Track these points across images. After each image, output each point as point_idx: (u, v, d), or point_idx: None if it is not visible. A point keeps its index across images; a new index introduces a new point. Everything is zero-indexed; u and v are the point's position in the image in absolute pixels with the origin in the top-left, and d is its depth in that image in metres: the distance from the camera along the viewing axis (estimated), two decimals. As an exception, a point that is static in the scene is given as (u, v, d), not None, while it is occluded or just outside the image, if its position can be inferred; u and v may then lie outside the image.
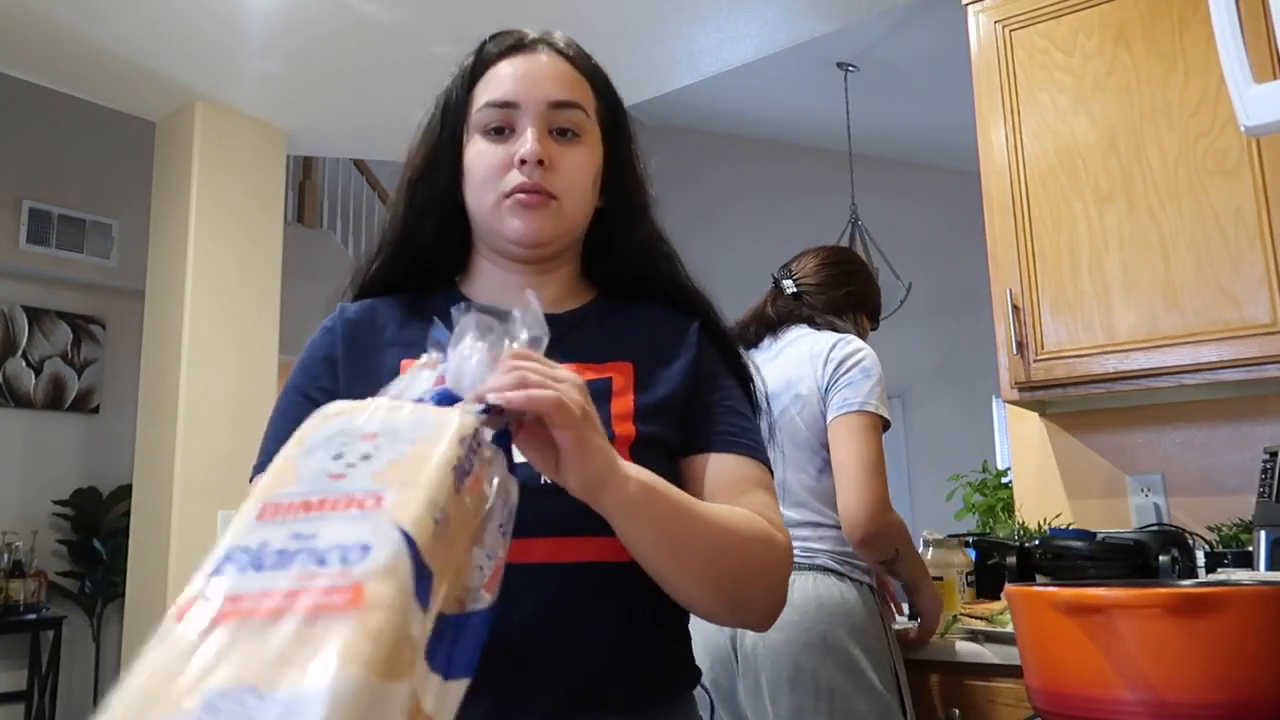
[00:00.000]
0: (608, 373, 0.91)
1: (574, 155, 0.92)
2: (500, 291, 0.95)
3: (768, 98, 5.73)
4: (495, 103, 0.91)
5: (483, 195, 0.91)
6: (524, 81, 0.92)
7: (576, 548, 0.82)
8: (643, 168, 1.00)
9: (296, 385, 0.92)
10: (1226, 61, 0.94)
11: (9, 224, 4.77)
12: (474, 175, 0.92)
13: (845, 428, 1.66)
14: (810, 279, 1.90)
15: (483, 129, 0.92)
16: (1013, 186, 2.07)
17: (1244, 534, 1.93)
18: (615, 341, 0.94)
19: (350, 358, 0.91)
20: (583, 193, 0.93)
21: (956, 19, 2.27)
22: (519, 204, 0.89)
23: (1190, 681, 0.78)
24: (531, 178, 0.89)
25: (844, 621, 1.60)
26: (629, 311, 0.98)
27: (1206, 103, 1.88)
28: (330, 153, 4.57)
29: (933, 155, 5.88)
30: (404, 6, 3.01)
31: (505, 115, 0.91)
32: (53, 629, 4.63)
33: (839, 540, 1.67)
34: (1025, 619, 0.90)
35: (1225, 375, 1.81)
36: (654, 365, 0.93)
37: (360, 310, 0.96)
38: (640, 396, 0.90)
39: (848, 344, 1.74)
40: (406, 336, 0.91)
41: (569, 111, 0.92)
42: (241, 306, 3.65)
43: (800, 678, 1.56)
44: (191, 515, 3.40)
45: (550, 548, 0.81)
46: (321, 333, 0.95)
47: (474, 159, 0.92)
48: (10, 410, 4.83)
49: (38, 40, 3.20)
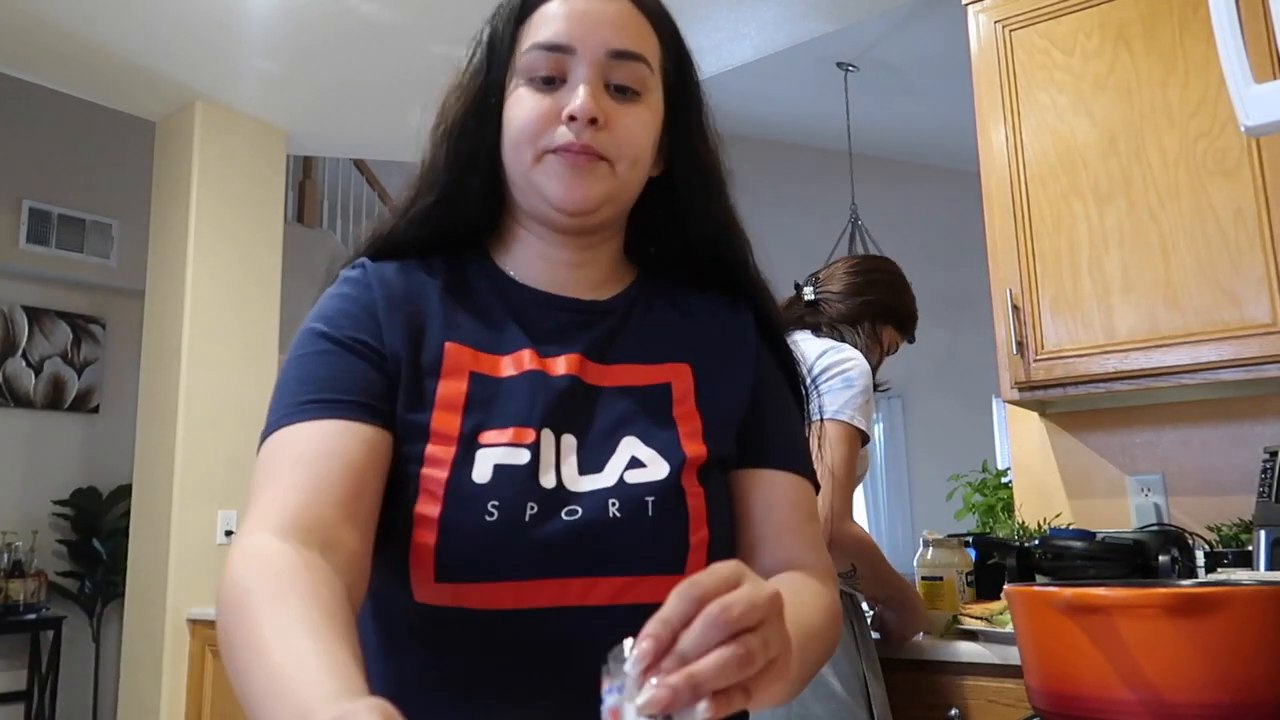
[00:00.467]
0: (664, 376, 0.82)
1: (633, 116, 0.79)
2: (543, 270, 0.84)
3: (768, 98, 5.73)
4: (544, 44, 0.78)
5: (520, 150, 0.78)
6: (580, 22, 0.78)
7: (647, 587, 0.72)
8: (715, 133, 0.87)
9: (326, 333, 0.77)
10: (1226, 61, 0.94)
11: (9, 224, 4.77)
12: (512, 126, 0.78)
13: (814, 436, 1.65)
14: (832, 287, 1.89)
15: (528, 75, 0.78)
16: (1013, 186, 2.07)
17: (1244, 534, 1.93)
18: (667, 336, 0.84)
19: (393, 321, 0.78)
20: (640, 159, 0.80)
21: (956, 19, 2.27)
22: (564, 163, 0.76)
23: (1190, 681, 0.78)
24: (581, 138, 0.76)
25: None
26: (676, 298, 0.88)
27: (1206, 103, 1.88)
28: (330, 153, 4.56)
29: (933, 155, 5.88)
30: (404, 7, 3.01)
31: (556, 62, 0.77)
32: (53, 629, 4.63)
33: None
34: (1025, 619, 0.90)
35: (1225, 375, 1.81)
36: (713, 367, 0.84)
37: (393, 270, 0.82)
38: (705, 409, 0.81)
39: (837, 352, 1.73)
40: (453, 319, 0.80)
41: (631, 64, 0.78)
42: (241, 306, 3.65)
43: None
44: (191, 515, 3.39)
45: (617, 587, 0.72)
46: (351, 284, 0.81)
47: (514, 106, 0.79)
48: (10, 410, 4.83)
49: (38, 40, 3.20)
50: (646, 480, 0.75)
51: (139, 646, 3.42)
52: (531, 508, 0.71)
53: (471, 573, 0.70)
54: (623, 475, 0.75)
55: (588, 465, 0.75)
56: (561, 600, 0.71)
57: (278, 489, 0.67)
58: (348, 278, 0.82)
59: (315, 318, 0.79)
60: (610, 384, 0.80)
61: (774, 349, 0.89)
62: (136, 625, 3.45)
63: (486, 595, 0.70)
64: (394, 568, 0.71)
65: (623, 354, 0.82)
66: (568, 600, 0.71)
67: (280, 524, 0.64)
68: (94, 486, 4.99)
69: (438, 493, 0.71)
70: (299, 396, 0.73)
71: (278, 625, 0.55)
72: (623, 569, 0.72)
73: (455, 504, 0.71)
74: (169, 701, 3.27)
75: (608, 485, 0.74)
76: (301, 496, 0.66)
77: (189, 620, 3.33)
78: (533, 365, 0.79)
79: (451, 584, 0.70)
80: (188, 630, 3.33)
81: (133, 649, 3.46)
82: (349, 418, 0.71)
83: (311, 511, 0.66)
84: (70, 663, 4.77)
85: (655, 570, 0.72)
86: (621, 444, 0.77)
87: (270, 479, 0.69)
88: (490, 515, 0.70)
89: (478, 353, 0.79)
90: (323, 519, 0.66)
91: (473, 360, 0.78)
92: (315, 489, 0.67)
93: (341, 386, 0.73)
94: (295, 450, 0.70)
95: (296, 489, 0.67)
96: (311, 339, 0.77)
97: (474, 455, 0.73)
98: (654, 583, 0.72)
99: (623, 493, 0.74)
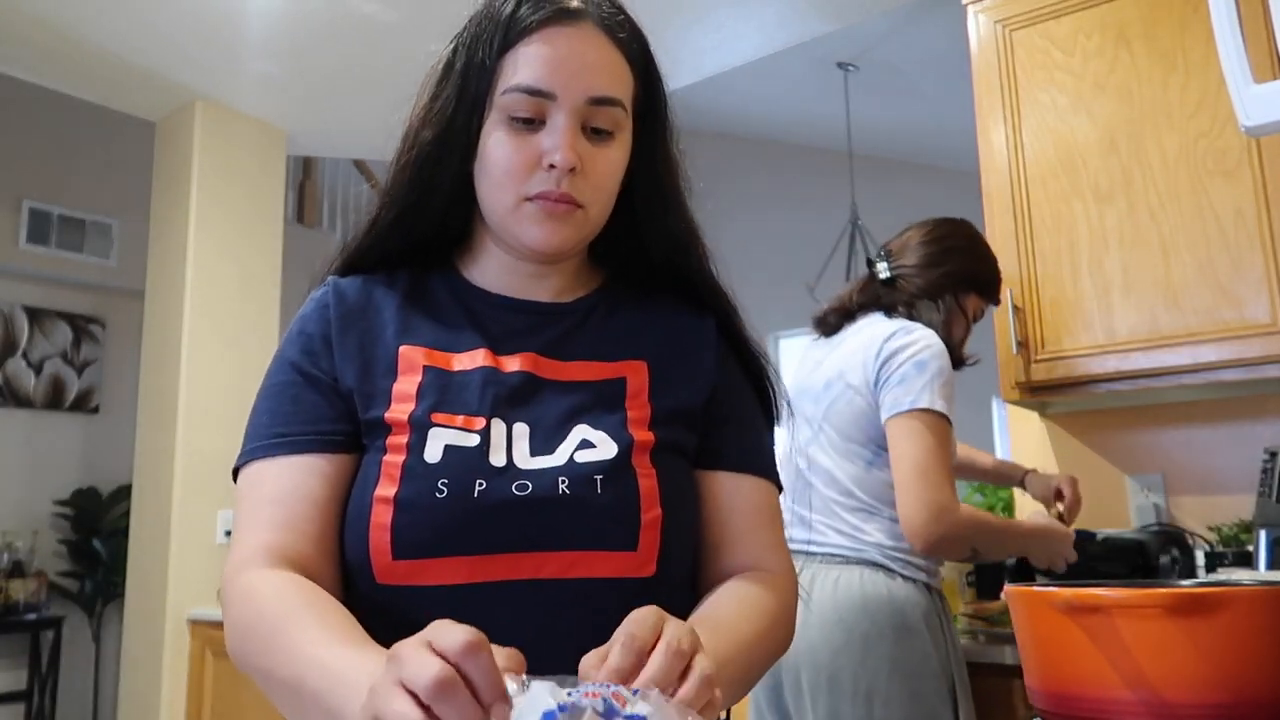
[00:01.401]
0: (621, 372, 0.84)
1: (606, 157, 0.82)
2: (507, 280, 0.88)
3: (768, 98, 5.73)
4: (527, 89, 0.79)
5: (501, 193, 0.81)
6: (562, 68, 0.79)
7: (598, 563, 0.75)
8: (678, 152, 0.90)
9: (295, 363, 0.83)
10: (1226, 61, 0.94)
11: (9, 224, 4.77)
12: (493, 169, 0.81)
13: (894, 431, 1.57)
14: (906, 260, 1.76)
15: (507, 113, 0.80)
16: (1013, 186, 2.07)
17: (1244, 534, 1.93)
18: (627, 336, 0.87)
19: (345, 339, 0.83)
20: (610, 197, 0.84)
21: (956, 19, 2.27)
22: (543, 211, 0.79)
23: (1190, 681, 0.78)
24: (560, 186, 0.79)
25: (890, 621, 1.52)
26: (640, 302, 0.91)
27: (1206, 103, 1.88)
28: (330, 153, 4.56)
29: (933, 155, 5.88)
30: (404, 6, 3.01)
31: (536, 105, 0.79)
32: (53, 629, 4.62)
33: (892, 534, 1.58)
34: (1025, 619, 0.90)
35: (1225, 375, 1.81)
36: (669, 364, 0.86)
37: (355, 288, 0.87)
38: (657, 400, 0.83)
39: (906, 333, 1.62)
40: (409, 324, 0.85)
41: (609, 109, 0.81)
42: (241, 306, 3.64)
43: (837, 678, 1.50)
44: (191, 515, 3.39)
45: (568, 562, 0.74)
46: (315, 307, 0.86)
47: (495, 149, 0.80)
48: (10, 410, 4.83)
49: (38, 40, 3.20)
50: (596, 459, 0.77)
51: (139, 646, 3.42)
52: (480, 484, 0.74)
53: (426, 549, 0.73)
54: (573, 455, 0.78)
55: (539, 449, 0.78)
56: (514, 574, 0.73)
57: (258, 527, 0.77)
58: (313, 298, 0.88)
59: (286, 343, 0.86)
60: (565, 378, 0.83)
61: (739, 356, 0.92)
62: (136, 625, 3.45)
63: (441, 571, 0.73)
64: (357, 555, 0.75)
65: (579, 351, 0.85)
66: (520, 574, 0.73)
67: (269, 560, 0.74)
68: (94, 486, 4.99)
69: (395, 475, 0.76)
70: (268, 429, 0.82)
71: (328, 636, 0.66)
72: (573, 544, 0.74)
73: (409, 483, 0.75)
74: (169, 701, 3.27)
75: (558, 464, 0.77)
76: (280, 535, 0.76)
77: (189, 620, 3.33)
78: (486, 362, 0.82)
79: (408, 561, 0.73)
80: (188, 630, 3.33)
81: (133, 649, 3.46)
82: (309, 451, 0.79)
83: (293, 549, 0.75)
84: (70, 663, 4.77)
85: (606, 546, 0.75)
86: (573, 431, 0.80)
87: (250, 515, 0.78)
88: (440, 492, 0.74)
89: (432, 350, 0.83)
90: (301, 554, 0.75)
91: (427, 357, 0.82)
92: (291, 527, 0.76)
93: (303, 419, 0.81)
94: (268, 489, 0.78)
95: (275, 528, 0.76)
96: (281, 368, 0.85)
97: (426, 437, 0.77)
98: (605, 558, 0.75)
99: (572, 471, 0.76)
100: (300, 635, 0.66)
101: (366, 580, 0.75)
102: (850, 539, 1.59)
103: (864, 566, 1.57)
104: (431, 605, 0.72)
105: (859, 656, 1.50)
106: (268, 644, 0.68)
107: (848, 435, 1.64)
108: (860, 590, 1.54)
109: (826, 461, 1.66)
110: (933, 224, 1.81)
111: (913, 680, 1.50)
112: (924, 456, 1.53)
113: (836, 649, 1.51)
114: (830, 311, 1.79)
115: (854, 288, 1.80)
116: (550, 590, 0.74)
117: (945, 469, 1.54)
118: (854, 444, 1.64)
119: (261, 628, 0.69)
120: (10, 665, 4.58)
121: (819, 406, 1.70)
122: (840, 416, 1.65)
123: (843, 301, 1.79)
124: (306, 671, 0.63)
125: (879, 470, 1.61)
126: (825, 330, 1.79)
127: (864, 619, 1.51)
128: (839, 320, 1.77)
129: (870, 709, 1.48)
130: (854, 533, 1.59)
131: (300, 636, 0.66)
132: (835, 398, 1.67)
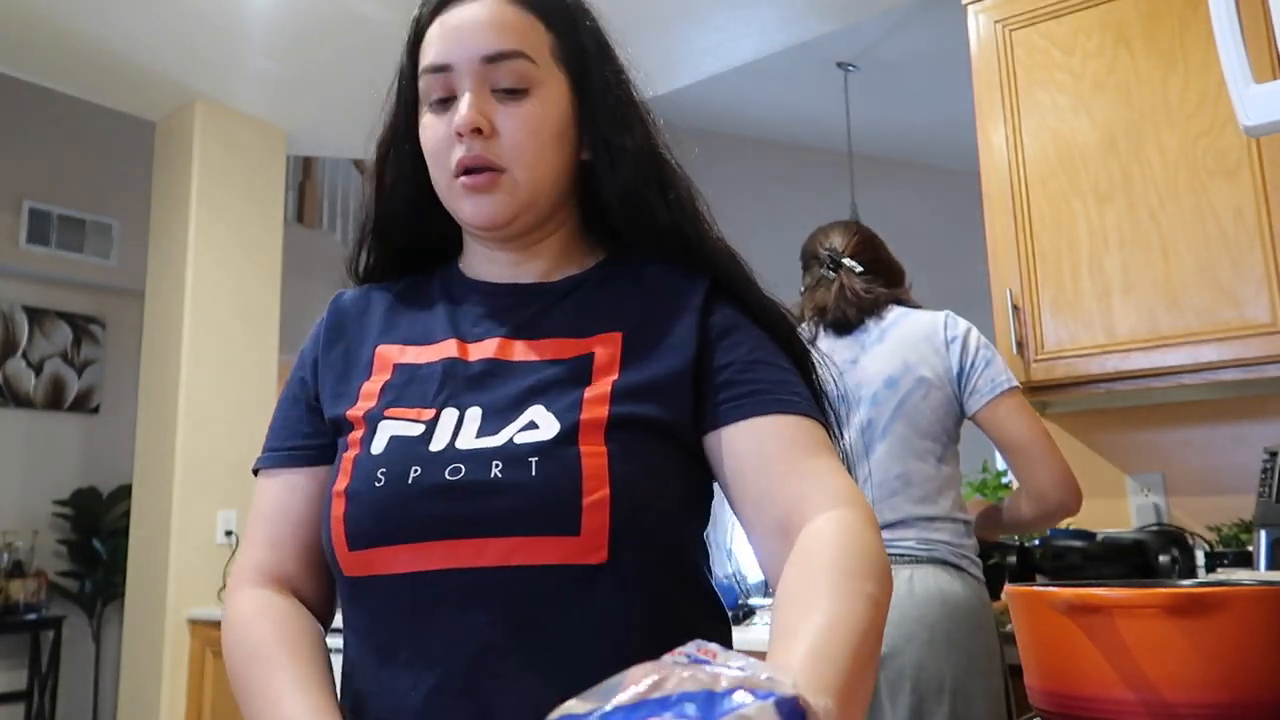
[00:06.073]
0: (588, 348, 0.79)
1: (519, 114, 0.79)
2: (491, 268, 0.87)
3: (768, 98, 5.73)
4: (429, 67, 0.81)
5: (436, 175, 0.82)
6: (454, 37, 0.80)
7: (538, 548, 0.71)
8: (631, 99, 0.85)
9: (292, 377, 0.89)
10: (1226, 61, 0.94)
11: (9, 224, 4.77)
12: (427, 154, 0.82)
13: (1007, 408, 1.63)
14: (862, 253, 1.81)
15: (427, 100, 0.82)
16: (1013, 186, 2.07)
17: (1244, 534, 1.93)
18: (608, 309, 0.82)
19: (331, 350, 0.86)
20: (538, 154, 0.80)
21: (956, 19, 2.27)
22: (467, 188, 0.79)
23: (1190, 681, 0.78)
24: (471, 150, 0.78)
25: (968, 618, 1.55)
26: (639, 273, 0.85)
27: (1206, 103, 1.88)
28: (330, 153, 4.56)
29: (933, 155, 5.88)
30: (404, 6, 3.00)
31: (444, 81, 0.80)
32: (53, 629, 4.62)
33: (956, 533, 1.62)
34: (1025, 619, 0.90)
35: (1225, 375, 1.81)
36: (647, 334, 0.80)
37: (355, 297, 0.90)
38: (626, 373, 0.77)
39: (956, 322, 1.70)
40: (393, 323, 0.86)
41: (509, 63, 0.79)
42: (241, 306, 3.65)
43: (923, 675, 1.51)
44: (191, 515, 3.39)
45: (507, 548, 0.71)
46: (315, 325, 0.90)
47: (423, 132, 0.82)
48: (10, 410, 4.83)
49: (38, 40, 3.20)
50: (533, 440, 0.73)
51: (139, 646, 3.42)
52: (415, 470, 0.74)
53: (372, 538, 0.74)
54: (512, 437, 0.74)
55: (486, 431, 0.75)
56: (454, 562, 0.72)
57: (252, 543, 0.83)
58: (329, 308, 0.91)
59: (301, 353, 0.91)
60: (530, 359, 0.80)
61: (743, 306, 0.84)
62: (136, 625, 3.45)
63: (389, 560, 0.74)
64: (327, 550, 0.77)
65: (550, 330, 0.82)
66: (459, 562, 0.72)
67: (258, 578, 0.81)
68: (94, 486, 4.99)
69: (348, 469, 0.77)
70: (270, 442, 0.86)
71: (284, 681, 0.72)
72: (511, 529, 0.71)
73: (356, 475, 0.76)
74: (169, 701, 3.27)
75: (495, 446, 0.73)
76: (268, 553, 0.82)
77: (189, 620, 3.33)
78: (453, 353, 0.82)
79: (361, 551, 0.74)
80: (188, 630, 3.33)
81: (133, 649, 3.46)
82: (290, 466, 0.84)
83: (279, 568, 0.81)
84: (70, 663, 4.77)
85: (545, 531, 0.70)
86: (526, 412, 0.75)
87: (249, 529, 0.85)
88: (379, 481, 0.74)
89: (405, 346, 0.84)
90: (286, 572, 0.81)
91: (399, 354, 0.83)
92: (277, 545, 0.82)
93: (287, 434, 0.85)
94: (261, 504, 0.84)
95: (264, 545, 0.82)
96: (288, 382, 0.89)
97: (376, 430, 0.78)
98: (545, 543, 0.70)
99: (507, 453, 0.73)
100: (268, 678, 0.73)
101: (339, 574, 0.77)
102: (920, 538, 1.60)
103: (934, 565, 1.58)
104: (390, 595, 0.74)
105: (942, 654, 1.51)
106: (241, 675, 0.75)
107: (924, 432, 1.65)
108: (938, 589, 1.56)
109: (895, 464, 1.65)
110: (840, 227, 1.88)
111: (989, 678, 1.54)
112: (1040, 426, 1.63)
113: (919, 647, 1.52)
114: (844, 306, 1.75)
115: (842, 281, 1.78)
116: (492, 578, 0.70)
117: (1050, 438, 1.65)
118: (928, 440, 1.65)
119: (238, 657, 0.76)
120: (10, 665, 4.59)
121: (882, 408, 1.67)
122: (916, 412, 1.65)
123: (854, 295, 1.75)
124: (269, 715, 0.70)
125: (947, 466, 1.66)
126: (848, 326, 1.75)
127: (944, 617, 1.53)
128: (859, 316, 1.75)
129: (954, 707, 1.50)
130: (925, 532, 1.61)
131: (269, 679, 0.73)
132: (907, 394, 1.65)
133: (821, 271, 1.82)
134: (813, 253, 1.87)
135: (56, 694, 4.63)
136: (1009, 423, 1.62)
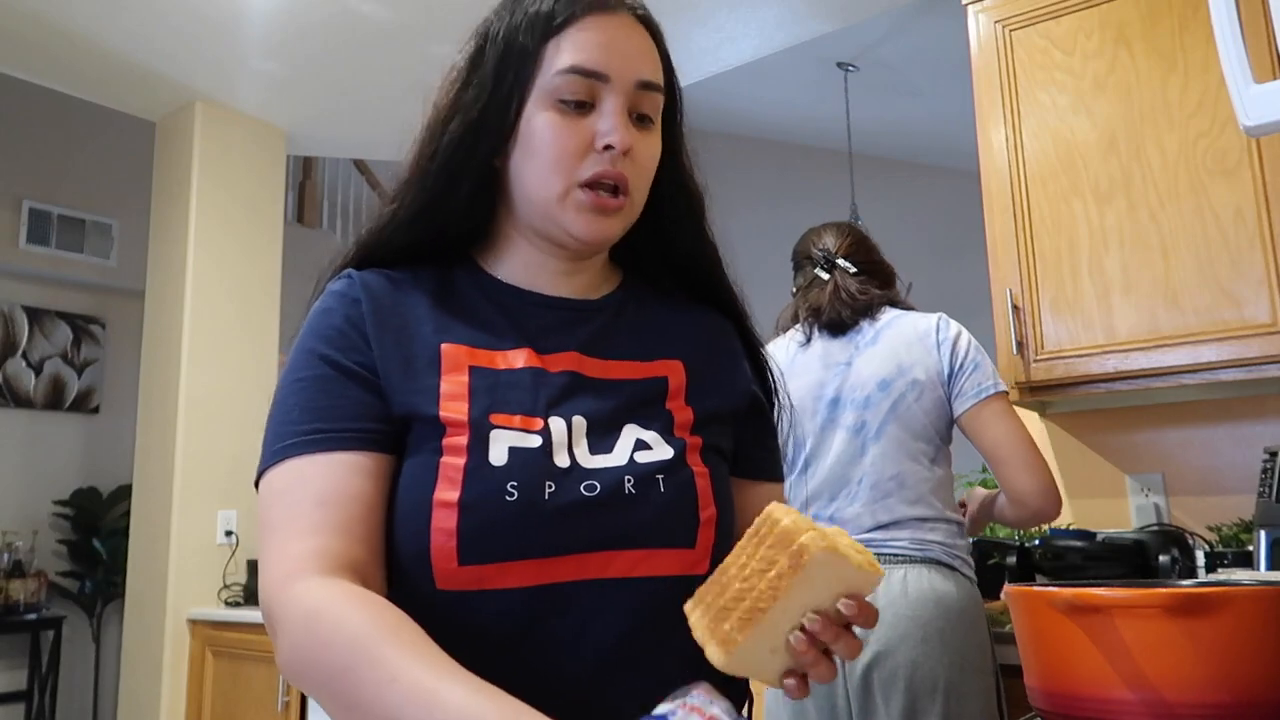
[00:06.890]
0: (660, 371, 0.85)
1: (650, 146, 0.82)
2: (534, 275, 0.85)
3: (768, 98, 5.73)
4: (582, 69, 0.78)
5: (550, 180, 0.79)
6: (615, 51, 0.79)
7: (661, 560, 0.76)
8: (692, 150, 0.91)
9: (327, 356, 0.78)
10: (1226, 61, 0.93)
11: (9, 224, 4.76)
12: (543, 152, 0.78)
13: (991, 412, 1.64)
14: (856, 254, 1.82)
15: (557, 97, 0.78)
16: (1013, 186, 2.07)
17: (1244, 534, 1.93)
18: (659, 335, 0.87)
19: (383, 334, 0.79)
20: (648, 186, 0.84)
21: (956, 19, 2.27)
22: (595, 204, 0.78)
23: (1190, 681, 0.78)
24: (616, 166, 0.78)
25: (960, 618, 1.56)
26: (662, 300, 0.91)
27: (1206, 103, 1.88)
28: (330, 153, 4.56)
29: (933, 155, 5.88)
30: (404, 6, 3.01)
31: (590, 87, 0.78)
32: (53, 629, 4.62)
33: (949, 533, 1.64)
34: (1025, 619, 0.90)
35: (1225, 375, 1.81)
36: (703, 367, 0.87)
37: (380, 282, 0.82)
38: (696, 402, 0.84)
39: (948, 324, 1.72)
40: (445, 324, 0.81)
41: (653, 95, 0.82)
42: (241, 306, 3.65)
43: (917, 674, 1.52)
44: (191, 515, 3.39)
45: (633, 560, 0.75)
46: (340, 299, 0.81)
47: (544, 132, 0.78)
48: (10, 410, 4.83)
49: (38, 40, 3.20)
50: (655, 460, 0.79)
51: (139, 646, 3.42)
52: (550, 485, 0.74)
53: (494, 553, 0.72)
54: (633, 455, 0.78)
55: (597, 448, 0.78)
56: (581, 574, 0.74)
57: (305, 531, 0.71)
58: (334, 291, 0.82)
59: (311, 335, 0.80)
60: (608, 376, 0.83)
61: (751, 358, 0.93)
62: (136, 625, 3.45)
63: (509, 574, 0.72)
64: (412, 560, 0.73)
65: (618, 350, 0.85)
66: (587, 574, 0.74)
67: (323, 567, 0.69)
68: (94, 486, 4.99)
69: (456, 478, 0.73)
70: (303, 425, 0.75)
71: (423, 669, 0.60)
72: (638, 542, 0.75)
73: (475, 486, 0.73)
74: (169, 701, 3.27)
75: (620, 464, 0.77)
76: (332, 540, 0.70)
77: (189, 620, 3.33)
78: (531, 362, 0.80)
79: (475, 565, 0.72)
80: (188, 630, 3.33)
81: (133, 649, 3.46)
82: (356, 449, 0.74)
83: (347, 555, 0.70)
84: (70, 663, 4.76)
85: (668, 544, 0.76)
86: (625, 430, 0.80)
87: (293, 517, 0.72)
88: (510, 495, 0.73)
89: (474, 349, 0.80)
90: (356, 560, 0.71)
91: (470, 356, 0.80)
92: (345, 531, 0.71)
93: (345, 415, 0.75)
94: (314, 488, 0.72)
95: (326, 531, 0.70)
96: (311, 361, 0.78)
97: (488, 439, 0.75)
98: (667, 556, 0.76)
99: (635, 471, 0.77)
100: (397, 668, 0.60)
101: (423, 585, 0.72)
102: (914, 539, 1.61)
103: (928, 566, 1.59)
104: (496, 609, 0.72)
105: (936, 653, 1.53)
106: (350, 674, 0.62)
107: (917, 433, 1.66)
108: (931, 589, 1.57)
109: (889, 466, 1.65)
110: (832, 229, 1.87)
111: (982, 676, 1.55)
112: (1025, 431, 1.64)
113: (912, 646, 1.53)
114: (841, 308, 1.76)
115: (837, 284, 1.78)
116: (614, 589, 0.75)
117: (1032, 440, 1.66)
118: (921, 441, 1.66)
119: (337, 654, 0.63)
120: (10, 665, 4.58)
121: (875, 409, 1.67)
122: (910, 414, 1.66)
123: (850, 297, 1.76)
124: (418, 711, 0.58)
125: (939, 467, 1.67)
126: (843, 328, 1.75)
127: (938, 616, 1.55)
128: (854, 317, 1.75)
129: (948, 705, 1.51)
130: (918, 532, 1.62)
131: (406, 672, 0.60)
132: (900, 396, 1.66)
133: (815, 272, 1.83)
134: (805, 253, 1.87)
135: (56, 694, 4.63)
136: (992, 427, 1.63)
